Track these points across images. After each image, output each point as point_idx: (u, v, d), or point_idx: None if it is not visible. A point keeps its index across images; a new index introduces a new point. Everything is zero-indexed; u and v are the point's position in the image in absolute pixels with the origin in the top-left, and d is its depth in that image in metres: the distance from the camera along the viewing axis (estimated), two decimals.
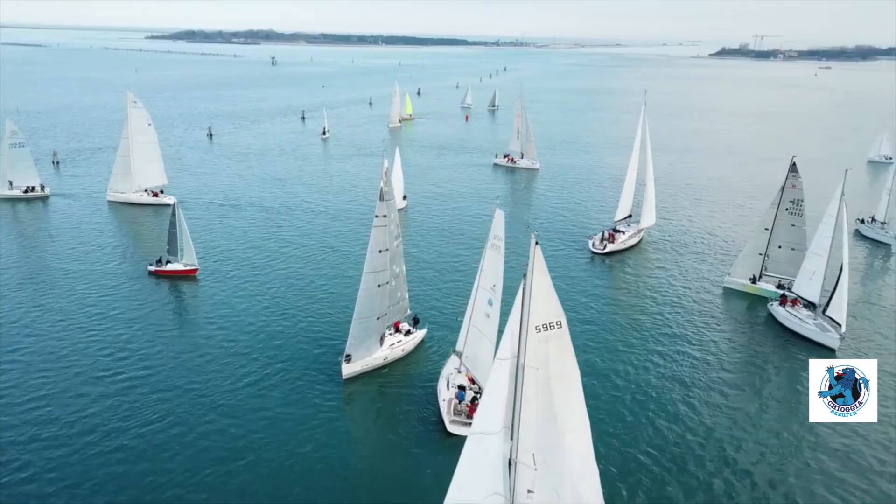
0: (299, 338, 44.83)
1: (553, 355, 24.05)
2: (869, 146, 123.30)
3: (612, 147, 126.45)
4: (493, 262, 35.85)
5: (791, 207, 52.44)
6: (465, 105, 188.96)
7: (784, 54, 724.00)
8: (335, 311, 49.15)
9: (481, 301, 36.83)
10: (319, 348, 43.33)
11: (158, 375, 39.66)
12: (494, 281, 35.53)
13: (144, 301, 50.52)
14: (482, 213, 78.08)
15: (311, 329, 46.28)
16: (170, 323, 47.28)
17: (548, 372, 24.32)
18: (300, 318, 48.02)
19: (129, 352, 42.44)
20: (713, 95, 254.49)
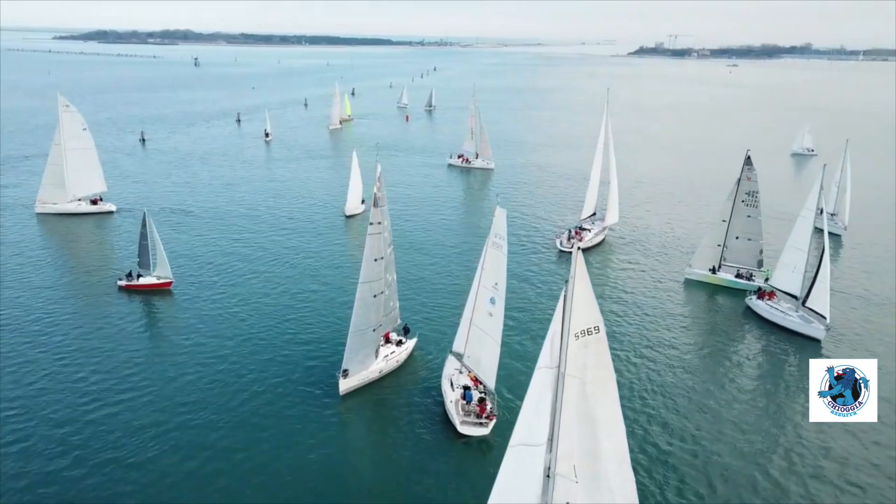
0: (287, 351, 42.85)
1: (590, 360, 23.59)
2: (792, 140, 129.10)
3: (560, 145, 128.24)
4: (494, 260, 35.72)
5: (747, 199, 54.50)
6: (401, 105, 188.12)
7: (698, 53, 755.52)
8: (320, 319, 47.58)
9: (483, 300, 36.54)
10: (310, 361, 41.57)
11: (142, 400, 36.96)
12: (496, 279, 35.36)
13: (118, 319, 47.19)
14: (443, 216, 77.65)
15: (298, 340, 44.42)
16: (148, 341, 44.39)
17: (584, 377, 23.81)
18: (285, 328, 46.08)
19: (106, 375, 39.43)
20: (644, 93, 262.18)
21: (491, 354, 35.71)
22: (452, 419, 35.08)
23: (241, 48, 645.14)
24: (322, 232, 68.79)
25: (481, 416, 34.88)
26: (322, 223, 71.92)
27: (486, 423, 34.61)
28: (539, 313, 49.12)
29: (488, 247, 36.27)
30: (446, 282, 56.29)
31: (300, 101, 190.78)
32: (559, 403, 23.93)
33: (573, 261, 22.89)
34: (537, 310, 50.01)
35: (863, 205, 77.00)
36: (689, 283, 57.31)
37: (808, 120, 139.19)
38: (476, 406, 35.44)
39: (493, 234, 35.73)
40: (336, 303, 50.45)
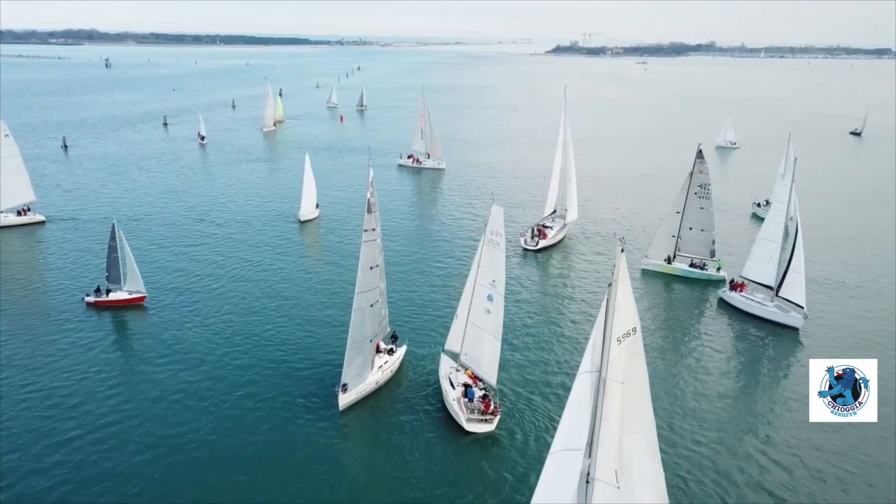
0: (274, 364, 41.06)
1: (629, 361, 23.49)
2: (715, 133, 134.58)
3: (507, 144, 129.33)
4: (491, 257, 35.79)
5: (699, 191, 56.54)
6: (330, 105, 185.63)
7: (611, 51, 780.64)
8: (302, 330, 45.95)
9: (480, 298, 36.53)
10: (301, 373, 39.99)
11: (128, 423, 34.51)
12: (494, 276, 35.54)
13: (89, 339, 43.95)
14: (401, 216, 76.64)
15: (283, 352, 42.65)
16: (124, 362, 41.47)
17: (624, 379, 23.68)
18: (267, 340, 44.22)
19: (83, 399, 36.61)
20: (573, 90, 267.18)
21: (491, 351, 36.01)
22: (458, 418, 34.85)
23: (153, 48, 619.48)
24: (279, 239, 66.60)
25: (486, 411, 34.98)
26: (277, 230, 69.61)
27: (491, 419, 34.72)
28: (506, 313, 48.84)
29: (484, 244, 36.29)
30: (420, 283, 55.44)
31: (227, 103, 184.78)
32: (600, 408, 23.73)
33: (616, 265, 22.67)
34: (505, 311, 49.78)
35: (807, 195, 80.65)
36: (645, 273, 59.01)
37: (725, 114, 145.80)
38: (481, 403, 35.43)
39: (490, 232, 35.83)
40: (314, 312, 49.02)
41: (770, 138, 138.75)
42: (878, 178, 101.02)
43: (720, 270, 57.38)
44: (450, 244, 66.86)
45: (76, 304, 48.95)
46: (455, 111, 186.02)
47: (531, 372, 40.93)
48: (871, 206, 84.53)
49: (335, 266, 59.01)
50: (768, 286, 47.67)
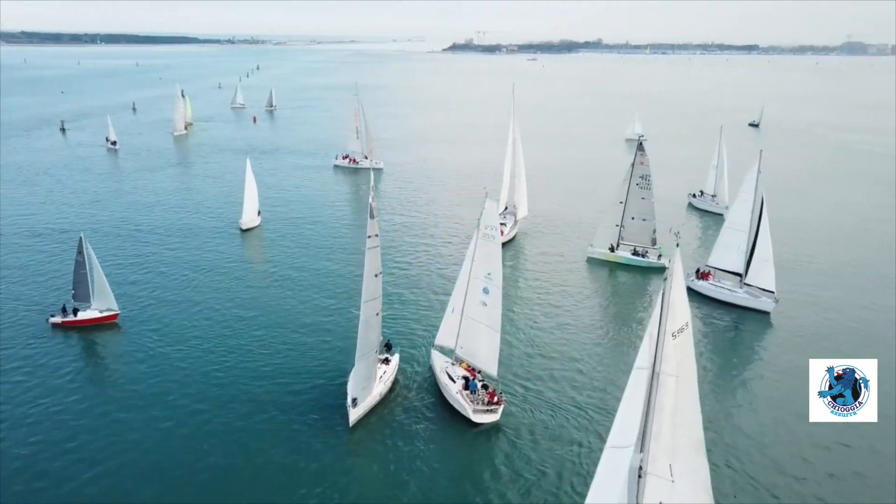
0: (265, 382, 38.83)
1: (682, 357, 23.72)
2: (624, 126, 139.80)
3: (433, 141, 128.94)
4: (486, 251, 36.51)
5: (641, 182, 58.89)
6: (235, 105, 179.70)
7: (506, 48, 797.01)
8: (285, 340, 43.93)
9: (475, 291, 37.06)
10: (294, 390, 38.00)
11: (106, 464, 31.21)
12: (489, 269, 36.32)
13: (58, 363, 40.12)
14: (345, 217, 75.22)
15: (271, 369, 40.42)
16: (100, 389, 37.95)
17: (678, 373, 23.87)
18: (252, 356, 41.82)
19: (56, 435, 33.13)
20: (478, 87, 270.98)
21: (490, 342, 36.79)
22: (464, 410, 35.10)
23: (28, 48, 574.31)
24: (230, 248, 63.44)
25: (491, 401, 35.56)
26: (222, 239, 66.04)
27: (496, 408, 35.33)
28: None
29: (478, 238, 36.86)
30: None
31: (126, 106, 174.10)
32: (654, 403, 23.76)
33: (672, 261, 22.72)
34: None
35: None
36: (590, 261, 60.97)
37: (631, 108, 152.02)
38: (485, 393, 35.98)
39: (484, 226, 36.52)
40: (289, 321, 47.04)
41: (675, 131, 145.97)
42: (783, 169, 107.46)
43: (661, 258, 59.58)
44: (400, 243, 65.76)
45: (40, 326, 44.57)
46: (373, 110, 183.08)
47: (518, 363, 41.59)
48: (784, 197, 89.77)
49: (296, 273, 56.81)
50: (737, 273, 49.69)
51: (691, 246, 67.82)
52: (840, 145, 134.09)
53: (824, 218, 77.57)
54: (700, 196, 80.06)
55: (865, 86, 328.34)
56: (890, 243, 67.44)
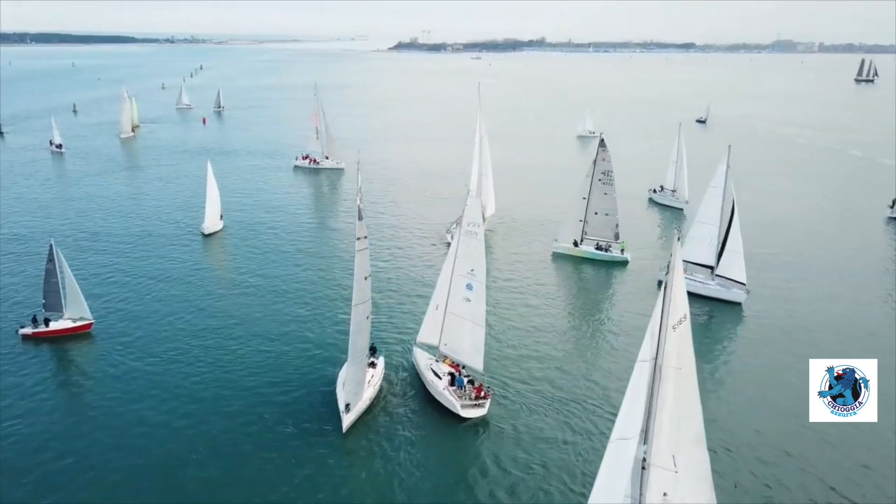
0: (247, 392, 37.71)
1: (681, 348, 24.14)
2: (575, 124, 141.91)
3: (392, 140, 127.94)
4: (469, 247, 37.17)
5: (603, 178, 60.26)
6: (181, 106, 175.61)
7: (452, 47, 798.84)
8: (264, 348, 42.97)
9: (459, 287, 37.60)
10: (278, 399, 37.09)
11: (92, 489, 29.81)
12: (473, 266, 37.00)
13: (30, 377, 38.20)
14: (309, 219, 74.48)
15: (251, 378, 39.36)
16: (76, 403, 36.36)
17: (678, 365, 24.27)
18: (232, 366, 40.62)
19: (34, 453, 31.48)
20: (429, 86, 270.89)
21: (474, 338, 37.11)
22: (452, 406, 35.48)
23: None
24: (186, 254, 61.30)
25: (479, 396, 35.96)
26: (180, 245, 64.10)
27: (483, 402, 35.86)
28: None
29: (461, 235, 37.54)
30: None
31: (66, 108, 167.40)
32: (657, 395, 24.17)
33: (673, 255, 23.31)
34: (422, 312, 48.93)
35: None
36: (555, 256, 61.94)
37: (572, 105, 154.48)
38: (472, 388, 36.36)
39: (467, 223, 37.12)
40: (265, 328, 46.06)
41: (626, 127, 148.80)
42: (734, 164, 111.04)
43: (623, 252, 60.78)
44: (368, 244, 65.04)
45: (9, 338, 42.46)
46: (328, 109, 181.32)
47: (493, 356, 41.75)
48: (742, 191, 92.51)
49: (265, 280, 55.50)
50: (709, 266, 51.03)
51: (654, 240, 69.50)
52: (781, 139, 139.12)
53: (777, 211, 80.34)
54: (660, 191, 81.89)
55: (797, 81, 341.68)
56: (838, 236, 70.50)
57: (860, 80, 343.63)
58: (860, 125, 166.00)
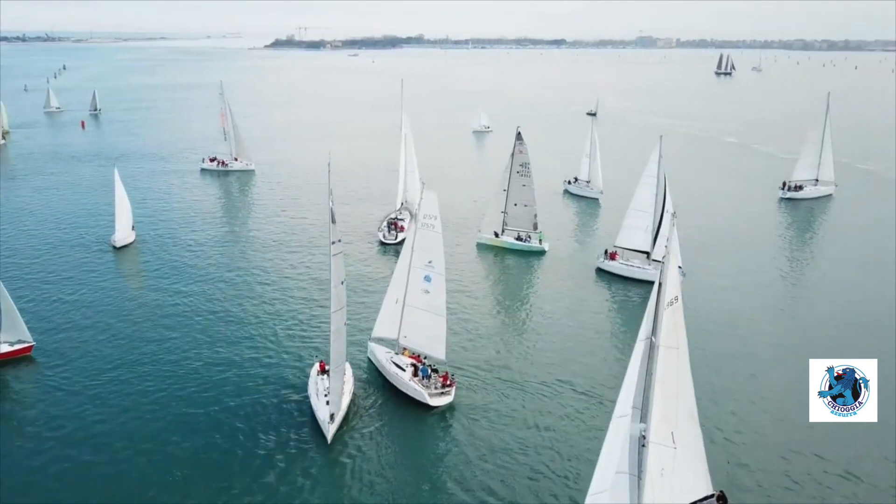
0: (213, 408, 36.07)
1: (674, 327, 25.47)
2: (470, 119, 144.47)
3: (295, 140, 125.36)
4: (426, 240, 38.04)
5: (521, 170, 62.54)
6: (49, 109, 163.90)
7: (331, 44, 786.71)
8: (212, 361, 41.09)
9: (417, 280, 38.41)
10: (246, 412, 35.68)
11: None
12: (431, 257, 38.02)
13: None
14: (224, 224, 71.95)
15: (210, 393, 37.62)
16: (23, 437, 33.02)
17: (671, 343, 25.55)
18: (186, 383, 38.62)
19: None
20: (317, 84, 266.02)
21: (436, 328, 38.03)
22: (420, 396, 36.16)
23: None
24: (100, 269, 57.26)
25: (445, 384, 36.86)
26: (92, 259, 59.67)
27: (449, 390, 36.78)
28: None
29: (417, 228, 38.19)
30: (274, 295, 52.49)
31: None
32: (655, 373, 25.46)
33: (669, 238, 24.61)
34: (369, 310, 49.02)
35: None
36: (479, 247, 63.62)
37: (463, 100, 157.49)
38: (438, 377, 37.19)
39: (423, 216, 37.90)
40: (212, 343, 43.95)
41: (520, 122, 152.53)
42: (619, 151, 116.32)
43: (542, 242, 63.09)
44: (295, 249, 63.58)
45: None
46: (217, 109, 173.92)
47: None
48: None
49: (194, 289, 52.98)
50: (644, 252, 53.82)
51: (571, 230, 72.21)
52: (664, 130, 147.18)
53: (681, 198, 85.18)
54: (575, 182, 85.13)
55: (666, 75, 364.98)
56: (742, 217, 76.23)
57: (720, 72, 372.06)
58: (729, 114, 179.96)
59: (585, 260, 60.21)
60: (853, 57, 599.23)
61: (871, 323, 47.62)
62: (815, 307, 52.22)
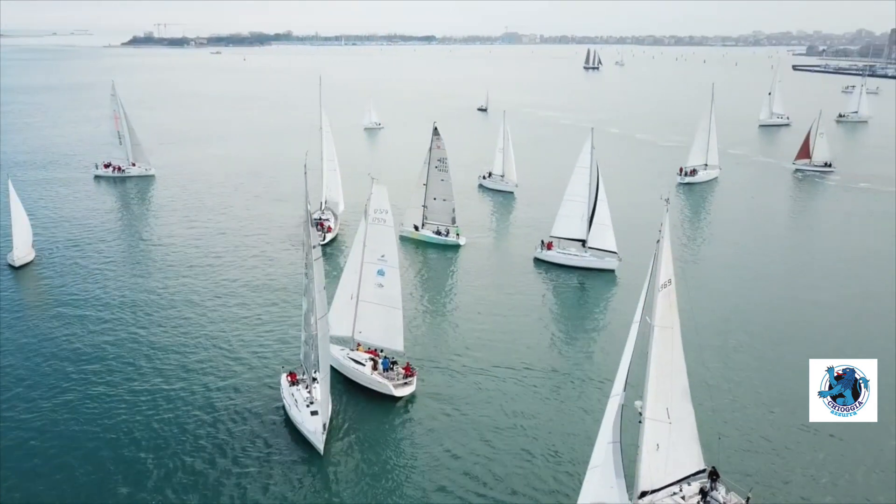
0: (187, 421, 34.36)
1: (668, 309, 27.02)
2: (360, 116, 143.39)
3: (191, 142, 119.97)
4: (378, 234, 38.31)
5: (439, 165, 63.39)
6: None
7: (195, 41, 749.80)
8: (161, 380, 38.78)
9: (370, 275, 38.60)
10: (227, 427, 34.22)
11: None
12: (383, 251, 38.41)
13: None
14: (129, 234, 67.68)
15: (180, 406, 35.85)
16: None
17: (664, 323, 27.10)
18: (143, 407, 36.13)
19: None
20: (194, 83, 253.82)
21: (392, 320, 38.37)
22: (385, 388, 36.48)
23: None
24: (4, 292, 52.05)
25: (408, 374, 37.48)
26: None
27: (411, 380, 37.50)
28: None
29: (368, 224, 38.29)
30: (209, 301, 50.63)
31: None
32: (650, 352, 26.94)
33: (663, 223, 25.91)
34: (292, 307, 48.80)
35: None
36: (403, 240, 63.52)
37: (347, 98, 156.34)
38: (401, 368, 37.64)
39: (373, 210, 37.99)
40: (149, 363, 41.32)
41: (408, 118, 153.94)
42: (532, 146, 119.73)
43: (458, 237, 64.15)
44: (202, 257, 60.66)
45: None
46: (96, 111, 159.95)
47: None
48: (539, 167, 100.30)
49: (117, 307, 49.48)
50: (581, 240, 55.80)
51: (487, 223, 73.42)
52: (550, 122, 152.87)
53: None
54: (489, 177, 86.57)
55: (539, 70, 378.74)
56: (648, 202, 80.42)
57: (588, 67, 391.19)
58: (603, 105, 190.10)
59: (521, 251, 61.42)
60: (699, 52, 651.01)
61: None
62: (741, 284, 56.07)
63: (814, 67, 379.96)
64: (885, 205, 79.61)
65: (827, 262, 61.50)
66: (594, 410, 35.06)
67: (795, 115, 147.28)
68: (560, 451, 32.57)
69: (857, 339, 44.93)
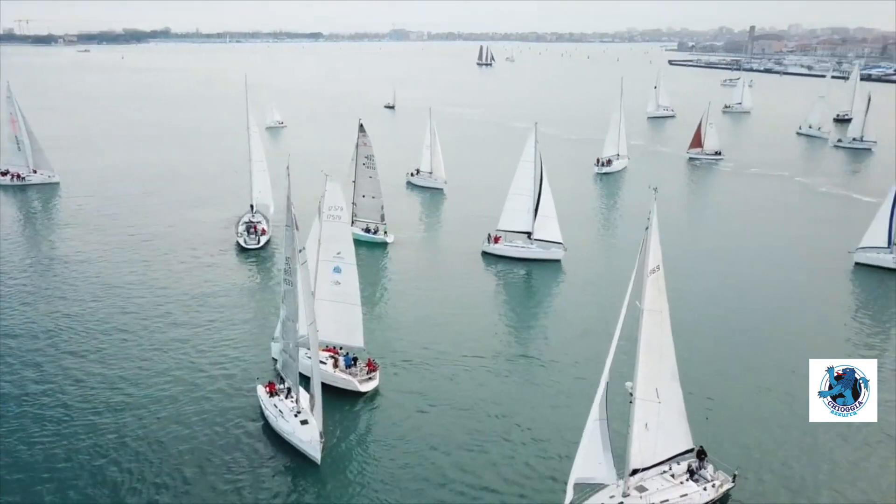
0: (167, 436, 32.88)
1: (657, 294, 28.60)
2: (262, 115, 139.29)
3: (115, 144, 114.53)
4: (333, 231, 38.02)
5: (367, 162, 63.12)
6: None
7: (63, 39, 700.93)
8: (142, 384, 37.34)
9: (326, 273, 38.27)
10: (215, 443, 32.91)
11: None
12: (339, 248, 38.06)
13: None
14: (44, 246, 62.94)
15: (163, 421, 34.14)
16: None
17: (654, 307, 28.66)
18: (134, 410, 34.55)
19: None
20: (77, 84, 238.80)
21: (351, 317, 38.14)
22: (351, 385, 36.62)
23: None
24: None
25: (371, 369, 37.81)
26: None
27: (374, 375, 37.88)
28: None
29: (323, 221, 37.85)
30: (148, 316, 47.93)
31: None
32: (640, 335, 28.38)
33: (651, 212, 27.17)
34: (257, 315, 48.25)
35: None
36: None
37: (240, 96, 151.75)
38: (364, 364, 37.82)
39: (327, 207, 37.66)
40: (122, 380, 39.25)
41: (311, 116, 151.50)
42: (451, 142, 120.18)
43: (386, 234, 64.22)
44: (119, 268, 57.02)
45: None
46: None
47: None
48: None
49: (56, 319, 46.25)
50: (527, 232, 57.03)
51: (416, 221, 73.42)
52: (459, 118, 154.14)
53: None
54: (417, 174, 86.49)
55: (434, 67, 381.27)
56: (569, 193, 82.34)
57: (481, 63, 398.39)
58: (502, 100, 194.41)
59: (465, 246, 61.63)
60: (581, 48, 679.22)
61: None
62: None
63: (687, 62, 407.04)
64: (777, 189, 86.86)
65: (751, 245, 64.10)
66: (568, 393, 36.82)
67: (679, 106, 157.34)
68: (541, 434, 33.53)
69: None
